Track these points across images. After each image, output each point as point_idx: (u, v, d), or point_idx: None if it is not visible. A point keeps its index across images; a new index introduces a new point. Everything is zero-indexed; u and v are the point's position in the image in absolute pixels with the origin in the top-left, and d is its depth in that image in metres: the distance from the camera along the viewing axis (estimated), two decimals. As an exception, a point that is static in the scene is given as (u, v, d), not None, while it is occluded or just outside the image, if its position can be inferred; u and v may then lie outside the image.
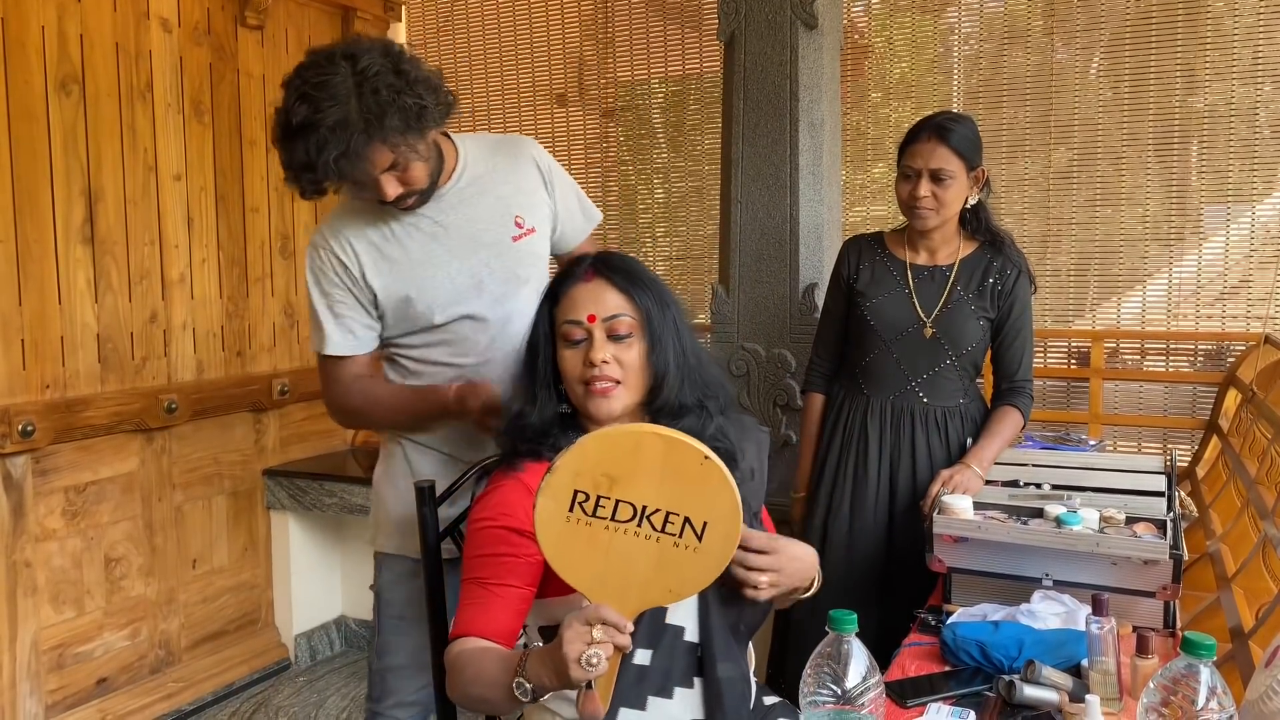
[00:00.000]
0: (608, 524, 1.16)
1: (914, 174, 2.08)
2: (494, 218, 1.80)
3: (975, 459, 2.03)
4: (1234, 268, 2.94)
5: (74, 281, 2.82)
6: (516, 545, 1.37)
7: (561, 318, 1.43)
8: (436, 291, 1.75)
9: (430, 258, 1.75)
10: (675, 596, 1.22)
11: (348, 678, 3.50)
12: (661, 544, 1.17)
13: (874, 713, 1.10)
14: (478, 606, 1.37)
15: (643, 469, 1.16)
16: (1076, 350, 3.12)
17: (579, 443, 1.16)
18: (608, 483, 1.16)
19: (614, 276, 1.44)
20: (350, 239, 1.75)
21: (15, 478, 2.70)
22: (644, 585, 1.19)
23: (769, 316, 2.76)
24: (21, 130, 2.67)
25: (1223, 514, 2.24)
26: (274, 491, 3.48)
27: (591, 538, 1.17)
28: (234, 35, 3.30)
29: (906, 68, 3.33)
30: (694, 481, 1.16)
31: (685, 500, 1.17)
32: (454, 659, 1.34)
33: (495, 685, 1.26)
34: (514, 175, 1.84)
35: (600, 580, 1.19)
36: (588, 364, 1.40)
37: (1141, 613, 1.65)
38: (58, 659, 2.85)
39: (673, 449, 1.16)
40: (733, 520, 1.17)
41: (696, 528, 1.17)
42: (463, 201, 1.78)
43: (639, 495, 1.16)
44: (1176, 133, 2.96)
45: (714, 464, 1.16)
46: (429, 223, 1.76)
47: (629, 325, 1.42)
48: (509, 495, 1.40)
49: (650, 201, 3.76)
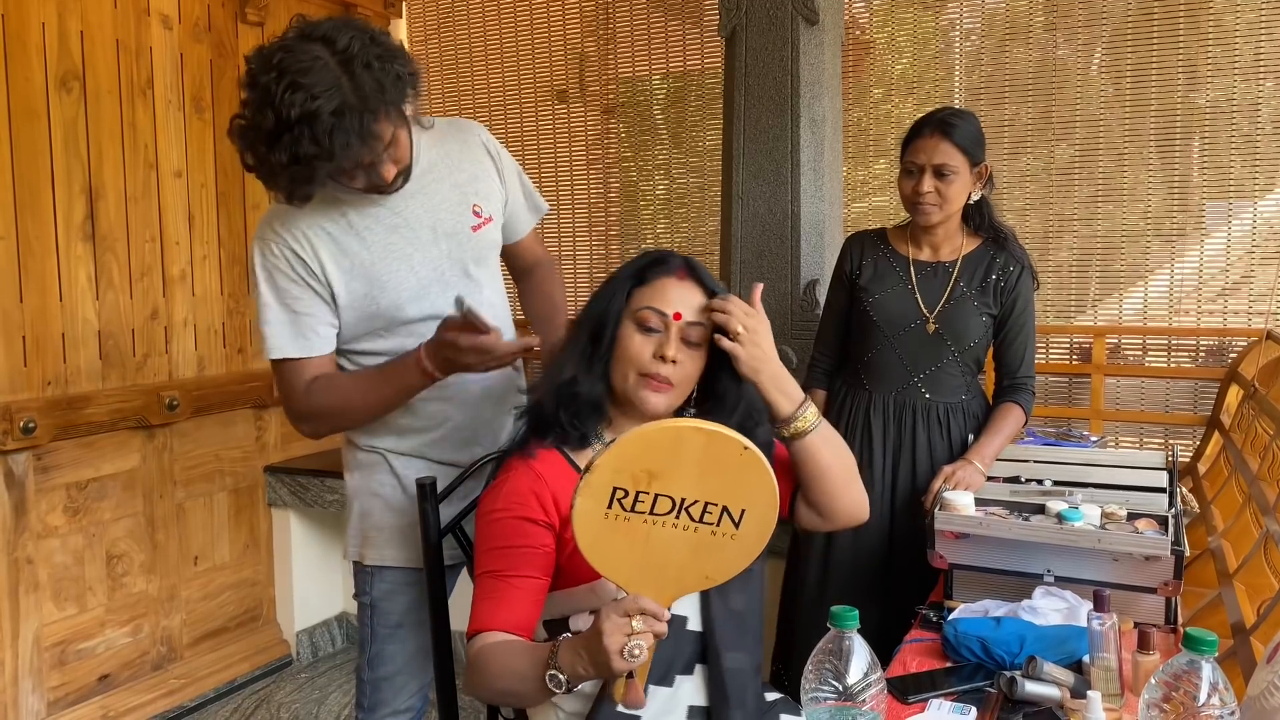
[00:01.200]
0: (646, 518, 1.18)
1: (917, 170, 2.08)
2: (453, 207, 1.71)
3: (977, 455, 2.03)
4: (1236, 263, 2.94)
5: (75, 278, 2.82)
6: (531, 536, 1.37)
7: (644, 302, 1.41)
8: (400, 286, 1.65)
9: (390, 250, 1.65)
10: (711, 582, 1.24)
11: (349, 674, 3.50)
12: (699, 533, 1.19)
13: (875, 709, 1.10)
14: (495, 600, 1.35)
15: (683, 463, 1.17)
16: (1078, 346, 3.12)
17: (619, 441, 1.15)
18: (647, 478, 1.17)
19: (705, 284, 1.44)
20: (305, 231, 1.62)
21: (17, 475, 2.71)
22: (681, 573, 1.21)
23: (770, 312, 2.72)
24: (22, 127, 2.67)
25: (1224, 510, 2.24)
26: (275, 488, 3.49)
27: (630, 531, 1.18)
28: (234, 32, 3.30)
29: (908, 63, 3.33)
30: (734, 471, 1.18)
31: (724, 490, 1.18)
32: (477, 655, 1.33)
33: (525, 678, 1.26)
34: (467, 161, 1.75)
35: (639, 571, 1.20)
36: (657, 356, 1.40)
37: (1143, 609, 1.65)
38: (60, 656, 2.85)
39: (713, 441, 1.18)
40: (770, 506, 1.19)
41: (734, 515, 1.19)
42: (421, 190, 1.68)
43: (678, 489, 1.18)
44: (1178, 128, 2.95)
45: (754, 453, 1.18)
46: (387, 213, 1.65)
47: (702, 335, 1.42)
48: (520, 484, 1.39)
49: (652, 198, 3.76)
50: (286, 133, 1.43)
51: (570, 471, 1.42)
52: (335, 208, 1.63)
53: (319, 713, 3.21)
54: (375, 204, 1.64)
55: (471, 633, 1.36)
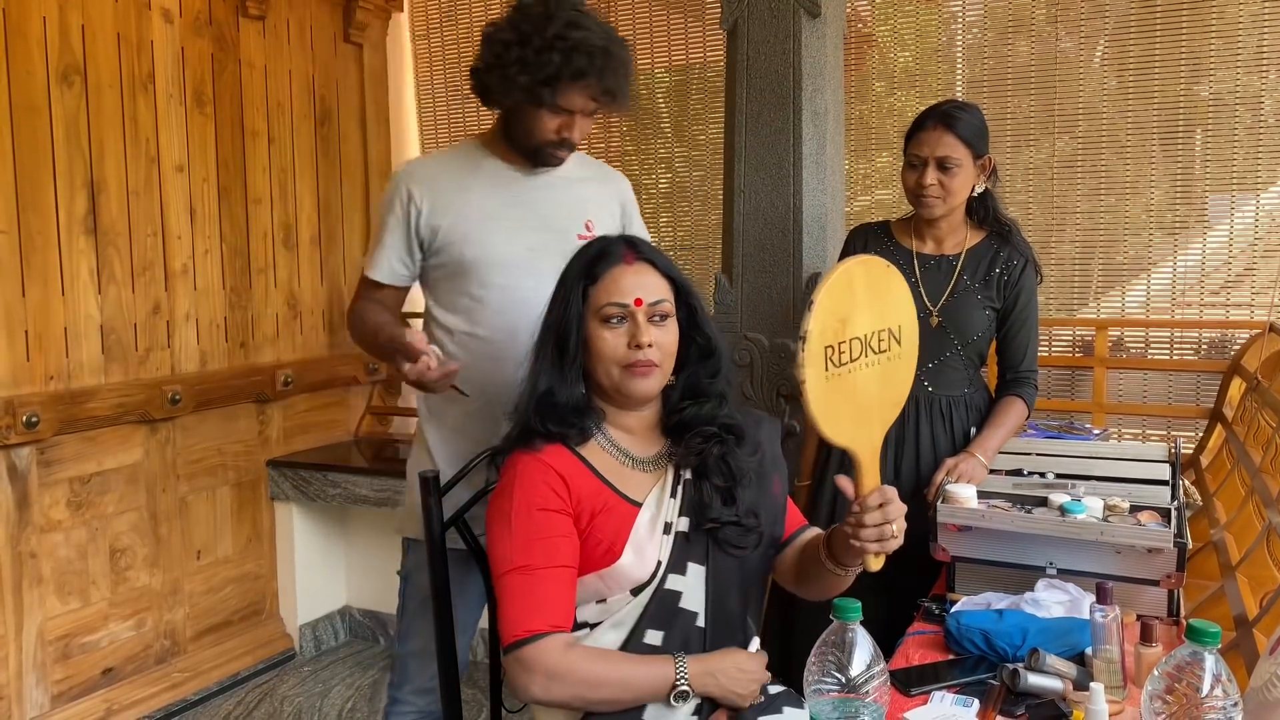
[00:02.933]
0: (849, 367, 1.25)
1: (920, 163, 2.08)
2: (568, 211, 1.91)
3: (980, 448, 2.03)
4: (1238, 256, 2.93)
5: (77, 273, 2.82)
6: (557, 525, 1.37)
7: (603, 299, 1.43)
8: (492, 250, 1.83)
9: (497, 219, 1.84)
10: (896, 408, 1.34)
11: (353, 668, 3.51)
12: (880, 363, 1.29)
13: (878, 701, 1.10)
14: (534, 597, 1.34)
15: (858, 299, 1.25)
16: (1080, 339, 3.12)
17: (814, 304, 1.20)
18: (840, 326, 1.23)
19: (655, 260, 1.47)
20: (426, 180, 1.85)
21: (20, 469, 2.71)
22: (881, 410, 1.31)
23: (772, 306, 2.76)
24: (24, 122, 2.67)
25: (1227, 502, 2.24)
26: (278, 482, 3.49)
27: (842, 388, 1.24)
28: (235, 25, 3.29)
29: (909, 57, 3.32)
30: (887, 291, 1.29)
31: (886, 313, 1.29)
32: (559, 664, 1.32)
33: (639, 690, 1.35)
34: (598, 193, 1.99)
35: (854, 425, 1.27)
36: (633, 346, 1.41)
37: (1145, 601, 1.65)
38: (64, 649, 2.86)
39: (869, 268, 1.29)
40: (913, 312, 1.32)
41: (897, 334, 1.30)
42: (547, 187, 1.91)
43: (860, 326, 1.26)
44: (1181, 121, 2.94)
45: (893, 269, 1.30)
46: (512, 192, 1.87)
47: (667, 309, 1.45)
48: (532, 476, 1.39)
49: (654, 191, 3.76)
50: (570, 26, 1.70)
51: (577, 462, 1.42)
52: (466, 172, 1.87)
53: (322, 706, 3.21)
54: (505, 179, 1.88)
55: (520, 636, 1.33)
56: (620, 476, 1.44)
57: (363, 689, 3.32)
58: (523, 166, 1.90)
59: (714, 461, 1.45)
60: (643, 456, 1.48)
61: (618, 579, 1.39)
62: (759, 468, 1.50)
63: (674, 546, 1.42)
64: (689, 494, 1.45)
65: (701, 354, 1.50)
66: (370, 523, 3.67)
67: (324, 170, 3.67)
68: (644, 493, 1.44)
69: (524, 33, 1.72)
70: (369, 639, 3.74)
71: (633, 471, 1.46)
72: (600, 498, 1.40)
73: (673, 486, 1.45)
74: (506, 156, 1.90)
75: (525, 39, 1.71)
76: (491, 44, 1.76)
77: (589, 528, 1.39)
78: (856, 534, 1.29)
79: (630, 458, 1.47)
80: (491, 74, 1.76)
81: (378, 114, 3.89)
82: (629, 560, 1.39)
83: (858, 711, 1.09)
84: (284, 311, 3.52)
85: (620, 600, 1.40)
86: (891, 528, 1.28)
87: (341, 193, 3.74)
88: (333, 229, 3.70)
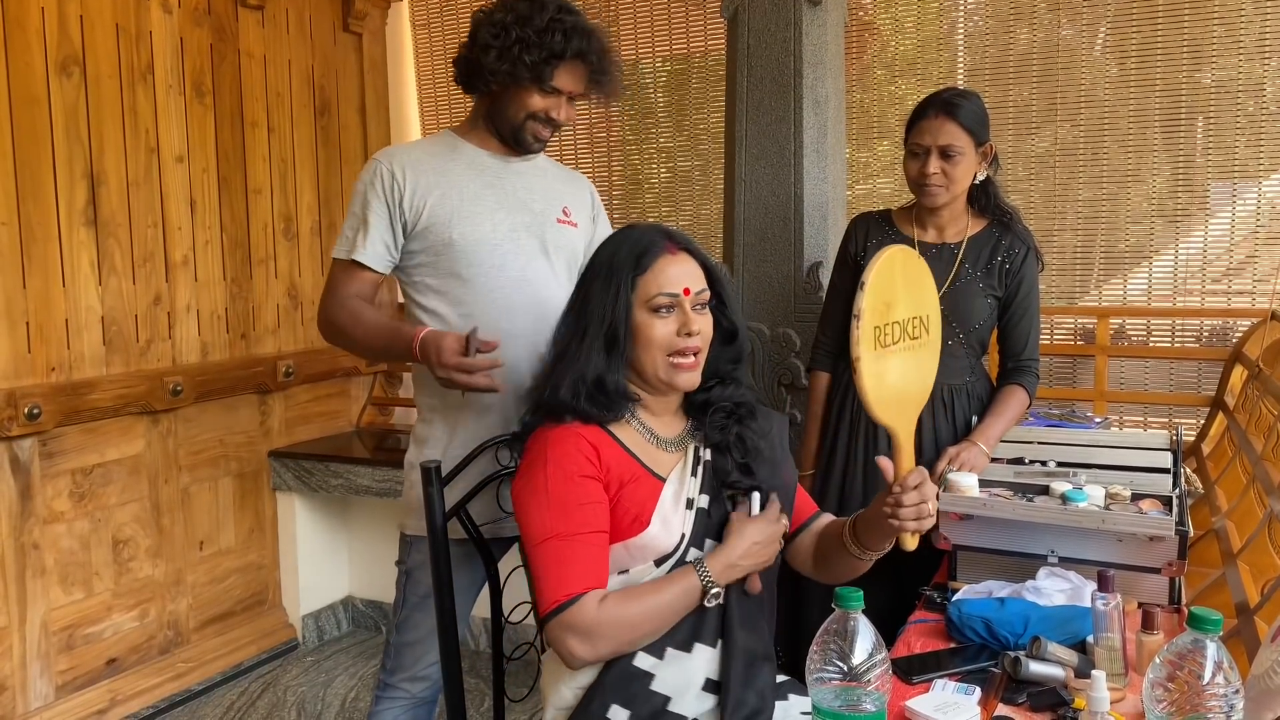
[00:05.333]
0: (891, 349, 1.30)
1: (922, 151, 2.07)
2: (544, 195, 1.94)
3: (981, 436, 2.03)
4: (1240, 244, 2.92)
5: (78, 264, 2.82)
6: (591, 491, 1.40)
7: (654, 289, 1.45)
8: (478, 227, 1.84)
9: (480, 200, 1.86)
10: (927, 390, 1.39)
11: (355, 657, 3.52)
12: (913, 348, 1.33)
13: (880, 689, 1.11)
14: (569, 564, 1.36)
15: (898, 285, 1.30)
16: (1082, 327, 3.12)
17: (865, 285, 1.25)
18: (885, 309, 1.28)
19: (691, 249, 1.51)
20: (409, 163, 1.85)
21: (22, 460, 2.71)
22: (918, 392, 1.36)
23: (774, 295, 2.76)
24: (23, 113, 2.66)
25: (1228, 490, 2.24)
26: (280, 473, 3.50)
27: (886, 369, 1.29)
28: (234, 16, 3.28)
29: (910, 45, 3.31)
30: (918, 278, 1.34)
31: (918, 299, 1.33)
32: (599, 619, 1.34)
33: (674, 607, 1.39)
34: (570, 187, 2.02)
35: (897, 406, 1.31)
36: (683, 334, 1.44)
37: (1147, 589, 1.65)
38: (67, 640, 2.87)
39: (906, 256, 1.33)
40: (937, 305, 1.36)
41: (926, 323, 1.34)
42: (526, 173, 1.94)
43: (900, 311, 1.30)
44: (1183, 109, 2.94)
45: (923, 261, 1.35)
46: (490, 175, 1.89)
47: (706, 296, 1.50)
48: (565, 444, 1.41)
49: (655, 181, 3.75)
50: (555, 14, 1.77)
51: (608, 438, 1.45)
52: (447, 156, 1.89)
53: (325, 695, 3.22)
54: (484, 162, 1.90)
55: (560, 600, 1.34)
56: (647, 453, 1.48)
57: (366, 679, 3.33)
58: (499, 153, 1.93)
59: (733, 438, 1.50)
60: (667, 437, 1.52)
61: (644, 549, 1.42)
62: (771, 453, 1.54)
63: (695, 521, 1.45)
64: (708, 472, 1.49)
65: (725, 338, 1.54)
66: (372, 513, 3.67)
67: (324, 160, 3.66)
68: (668, 470, 1.48)
69: (522, 14, 1.77)
70: (372, 629, 3.75)
71: (658, 450, 1.50)
72: (629, 468, 1.44)
73: (693, 465, 1.49)
74: (484, 143, 1.93)
75: (525, 19, 1.77)
76: (488, 25, 1.79)
77: (618, 496, 1.42)
78: (895, 513, 1.34)
79: (656, 437, 1.51)
80: (489, 54, 1.78)
81: (378, 104, 3.88)
82: (656, 530, 1.42)
83: (860, 700, 1.10)
84: (285, 302, 3.52)
85: (643, 571, 1.43)
86: (929, 506, 1.34)
87: (342, 183, 3.73)
88: (333, 219, 3.69)
